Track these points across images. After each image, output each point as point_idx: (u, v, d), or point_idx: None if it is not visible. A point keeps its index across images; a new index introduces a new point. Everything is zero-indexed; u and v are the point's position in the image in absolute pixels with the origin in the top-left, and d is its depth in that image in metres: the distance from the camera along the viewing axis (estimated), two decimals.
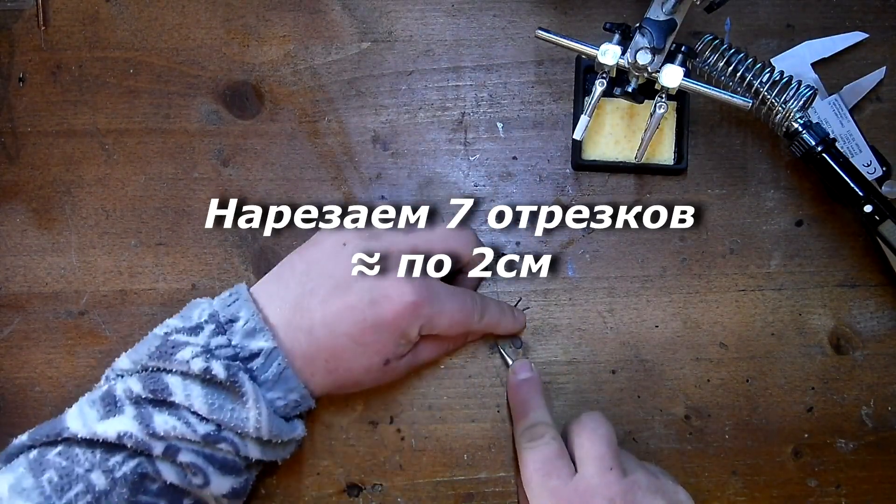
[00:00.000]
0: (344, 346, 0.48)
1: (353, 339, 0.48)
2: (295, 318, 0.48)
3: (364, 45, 0.59)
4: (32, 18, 0.59)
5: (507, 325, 0.55)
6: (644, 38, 0.51)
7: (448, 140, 0.58)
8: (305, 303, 0.48)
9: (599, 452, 0.48)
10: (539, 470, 0.48)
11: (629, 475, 0.47)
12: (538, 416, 0.52)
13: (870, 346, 0.56)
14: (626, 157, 0.57)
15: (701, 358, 0.56)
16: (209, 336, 0.47)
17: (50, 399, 0.56)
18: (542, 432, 0.50)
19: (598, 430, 0.49)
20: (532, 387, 0.53)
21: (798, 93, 0.52)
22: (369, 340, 0.48)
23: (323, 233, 0.52)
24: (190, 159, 0.58)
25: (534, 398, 0.53)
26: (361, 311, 0.48)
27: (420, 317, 0.49)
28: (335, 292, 0.48)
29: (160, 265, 0.57)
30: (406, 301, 0.48)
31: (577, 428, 0.50)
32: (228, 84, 0.58)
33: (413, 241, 0.50)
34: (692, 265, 0.57)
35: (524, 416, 0.52)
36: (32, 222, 0.58)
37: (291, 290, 0.49)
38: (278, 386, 0.47)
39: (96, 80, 0.59)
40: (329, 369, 0.49)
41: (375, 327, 0.48)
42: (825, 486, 0.55)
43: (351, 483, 0.55)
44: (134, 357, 0.48)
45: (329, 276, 0.49)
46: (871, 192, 0.52)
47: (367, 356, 0.49)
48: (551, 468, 0.48)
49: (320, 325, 0.48)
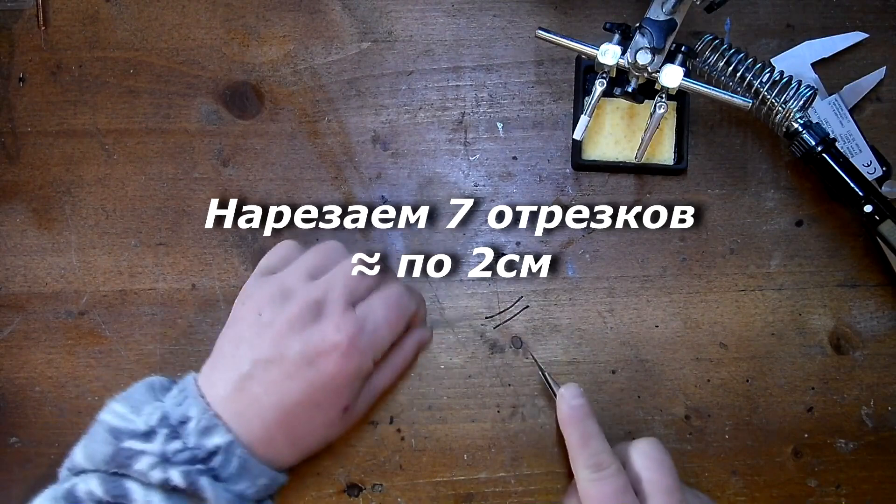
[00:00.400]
0: (299, 414, 0.48)
1: (305, 405, 0.48)
2: (241, 406, 0.47)
3: (364, 45, 0.59)
4: (32, 18, 0.59)
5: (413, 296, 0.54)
6: (644, 38, 0.51)
7: (448, 140, 0.58)
8: (246, 387, 0.47)
9: (669, 486, 0.47)
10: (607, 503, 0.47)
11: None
12: (600, 445, 0.49)
13: (870, 346, 0.56)
14: (626, 157, 0.57)
15: (701, 358, 0.56)
16: (164, 442, 0.45)
17: (50, 399, 0.56)
18: (607, 463, 0.48)
19: (664, 462, 0.48)
20: (587, 412, 0.50)
21: (798, 93, 0.52)
22: (321, 399, 0.48)
23: (236, 306, 0.51)
24: (190, 159, 0.58)
25: (590, 425, 0.50)
26: (302, 376, 0.47)
27: (361, 350, 0.48)
28: (269, 368, 0.47)
29: (160, 265, 0.57)
30: (340, 348, 0.47)
31: (641, 458, 0.48)
32: (228, 84, 0.58)
33: (324, 284, 0.49)
34: (692, 265, 0.57)
35: (585, 445, 0.49)
36: (32, 222, 0.58)
37: (229, 378, 0.48)
38: (244, 477, 0.47)
39: (96, 80, 0.59)
40: (291, 442, 0.49)
41: (323, 385, 0.48)
42: (825, 486, 0.55)
43: (351, 483, 0.55)
44: (89, 452, 0.46)
45: (258, 353, 0.48)
46: (871, 192, 0.52)
47: (324, 413, 0.49)
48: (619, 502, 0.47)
49: (269, 407, 0.47)
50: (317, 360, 0.47)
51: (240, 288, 0.56)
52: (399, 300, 0.52)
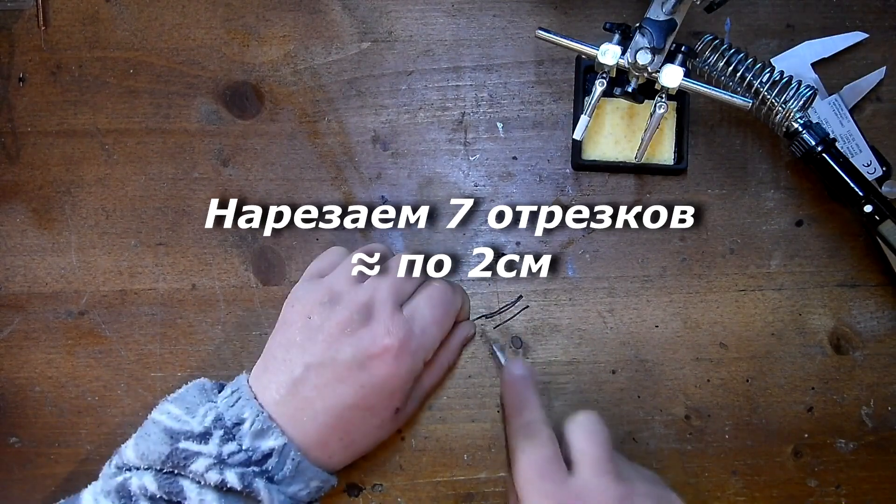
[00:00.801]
0: (351, 417, 0.48)
1: (358, 407, 0.48)
2: (296, 411, 0.48)
3: (364, 45, 0.59)
4: (32, 18, 0.59)
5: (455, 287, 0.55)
6: (644, 38, 0.51)
7: (448, 140, 0.58)
8: (299, 391, 0.48)
9: (596, 455, 0.47)
10: (533, 470, 0.47)
11: (625, 481, 0.47)
12: (533, 414, 0.50)
13: (870, 346, 0.56)
14: (626, 157, 0.57)
15: (701, 358, 0.56)
16: (219, 444, 0.46)
17: (50, 399, 0.56)
18: (537, 430, 0.49)
19: (595, 433, 0.48)
20: (527, 384, 0.52)
21: (798, 93, 0.52)
22: (374, 402, 0.48)
23: (285, 310, 0.51)
24: (190, 159, 0.58)
25: (529, 396, 0.51)
26: (355, 379, 0.48)
27: (412, 352, 0.49)
28: (323, 372, 0.48)
29: (160, 265, 0.57)
30: (391, 350, 0.48)
31: (574, 428, 0.49)
32: (228, 84, 0.58)
33: (371, 286, 0.50)
34: (692, 265, 0.57)
35: (518, 413, 0.51)
36: (32, 222, 0.58)
37: (282, 382, 0.48)
38: (297, 479, 0.47)
39: (96, 80, 0.59)
40: (345, 445, 0.49)
41: (375, 389, 0.48)
42: (825, 486, 0.55)
43: (351, 483, 0.55)
44: (142, 451, 0.46)
45: (310, 359, 0.48)
46: (871, 192, 0.52)
47: (377, 416, 0.49)
48: (546, 469, 0.47)
49: (322, 410, 0.48)
50: (368, 363, 0.48)
51: (240, 288, 0.56)
52: (444, 297, 0.52)
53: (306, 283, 0.52)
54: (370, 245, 0.54)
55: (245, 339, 0.56)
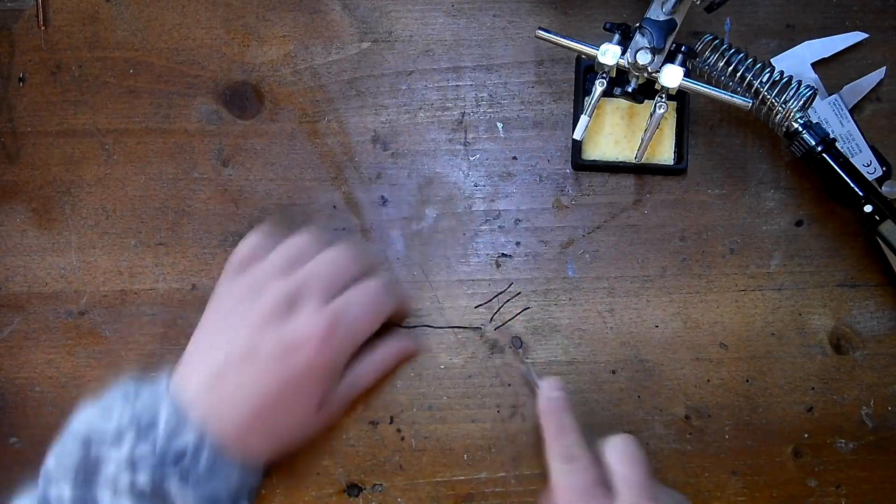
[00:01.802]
0: (272, 409, 0.47)
1: (278, 398, 0.47)
2: (215, 400, 0.47)
3: (364, 45, 0.59)
4: (32, 18, 0.59)
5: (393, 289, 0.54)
6: (644, 38, 0.51)
7: (448, 140, 0.58)
8: (220, 381, 0.47)
9: (638, 481, 0.47)
10: (577, 495, 0.47)
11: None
12: (573, 437, 0.49)
13: (870, 346, 0.56)
14: (626, 157, 0.57)
15: (701, 358, 0.56)
16: (132, 446, 0.45)
17: (50, 399, 0.56)
18: (579, 455, 0.48)
19: (636, 458, 0.48)
20: (564, 406, 0.51)
21: (798, 93, 0.52)
22: (292, 393, 0.48)
23: (211, 301, 0.50)
24: (190, 159, 0.58)
25: (566, 418, 0.51)
26: (276, 369, 0.47)
27: (337, 343, 0.48)
28: (244, 362, 0.47)
29: (160, 265, 0.57)
30: (314, 340, 0.47)
31: (613, 452, 0.48)
32: (228, 84, 0.58)
33: (299, 279, 0.49)
34: (692, 265, 0.57)
35: (559, 436, 0.50)
36: (32, 222, 0.58)
37: (203, 371, 0.48)
38: (214, 475, 0.46)
39: (96, 80, 0.59)
40: (266, 437, 0.48)
41: (294, 380, 0.47)
42: (825, 486, 0.55)
43: (351, 483, 0.55)
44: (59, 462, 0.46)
45: (231, 350, 0.48)
46: (871, 192, 0.52)
47: (297, 409, 0.48)
48: (590, 495, 0.47)
49: (241, 400, 0.47)
50: (288, 353, 0.47)
51: None
52: (375, 295, 0.51)
53: (230, 277, 0.51)
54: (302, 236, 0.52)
55: None
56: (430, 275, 0.57)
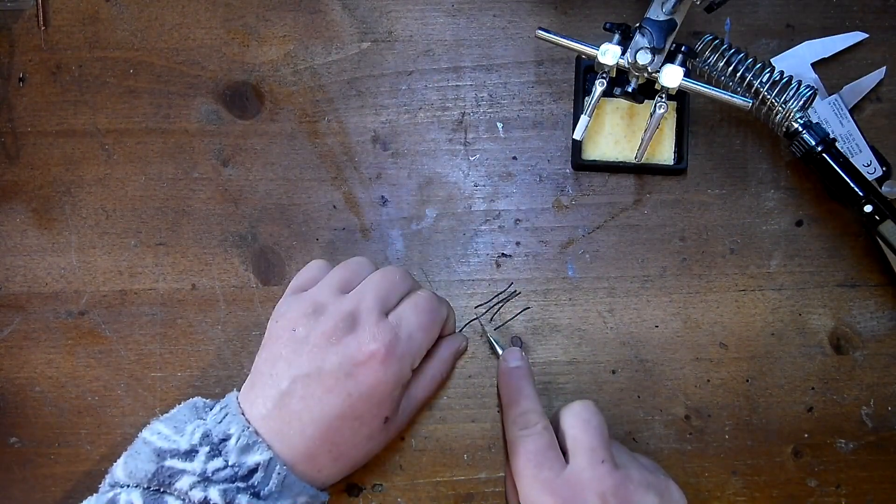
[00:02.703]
0: (339, 428, 0.47)
1: (347, 418, 0.47)
2: (282, 425, 0.47)
3: (364, 45, 0.59)
4: (32, 18, 0.59)
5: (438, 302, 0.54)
6: (644, 38, 0.51)
7: (448, 140, 0.58)
8: (286, 405, 0.47)
9: (591, 444, 0.47)
10: (530, 460, 0.48)
11: (621, 469, 0.47)
12: (529, 404, 0.51)
13: (870, 346, 0.56)
14: (626, 157, 0.57)
15: (701, 358, 0.56)
16: (205, 461, 0.45)
17: (50, 399, 0.56)
18: (533, 421, 0.50)
19: (590, 421, 0.48)
20: (523, 374, 0.53)
21: (798, 93, 0.52)
22: (362, 412, 0.48)
23: (270, 326, 0.50)
24: (190, 159, 0.58)
25: (525, 386, 0.52)
26: (342, 389, 0.47)
27: (399, 358, 0.48)
28: (310, 384, 0.47)
29: (160, 265, 0.57)
30: (378, 356, 0.47)
31: (569, 417, 0.49)
32: (228, 84, 0.58)
33: (356, 296, 0.49)
34: (692, 265, 0.57)
35: (515, 403, 0.51)
36: (32, 222, 0.58)
37: (268, 396, 0.47)
38: (284, 495, 0.46)
39: (96, 80, 0.59)
40: (334, 458, 0.48)
41: (362, 397, 0.47)
42: (825, 486, 0.55)
43: (351, 483, 0.55)
44: (130, 470, 0.46)
45: (296, 371, 0.48)
46: (871, 192, 0.52)
47: (366, 425, 0.48)
48: (542, 459, 0.47)
49: (309, 422, 0.47)
50: (355, 370, 0.47)
51: (240, 288, 0.56)
52: (429, 305, 0.51)
53: (289, 298, 0.51)
54: (353, 259, 0.53)
55: (245, 339, 0.56)
56: (430, 275, 0.57)
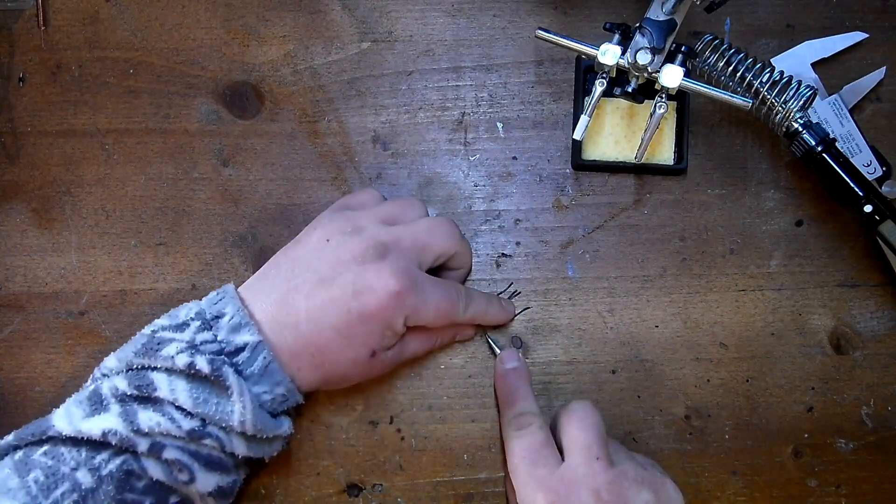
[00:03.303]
0: (329, 339, 0.48)
1: (339, 331, 0.48)
2: (280, 314, 0.48)
3: (364, 45, 0.59)
4: (32, 18, 0.59)
5: (495, 315, 0.55)
6: (644, 38, 0.51)
7: (448, 140, 0.58)
8: (290, 299, 0.48)
9: (587, 441, 0.48)
10: (525, 458, 0.48)
11: (616, 465, 0.47)
12: (525, 405, 0.52)
13: (870, 346, 0.56)
14: (626, 157, 0.57)
15: (701, 358, 0.56)
16: (194, 332, 0.47)
17: (50, 399, 0.56)
18: (529, 421, 0.50)
19: (586, 419, 0.49)
20: (520, 376, 0.53)
21: (798, 93, 0.52)
22: (354, 332, 0.48)
23: (306, 230, 0.52)
24: (190, 159, 0.58)
25: (521, 387, 0.53)
26: (345, 303, 0.48)
27: (404, 307, 0.49)
28: (319, 287, 0.48)
29: (160, 265, 0.57)
30: (389, 291, 0.48)
31: (566, 416, 0.49)
32: (228, 84, 0.58)
33: (396, 233, 0.50)
34: (692, 265, 0.57)
35: (511, 404, 0.52)
36: (32, 222, 0.58)
37: (277, 286, 0.49)
38: (264, 379, 0.47)
39: (96, 80, 0.59)
40: (315, 364, 0.49)
41: (360, 319, 0.48)
42: (825, 486, 0.55)
43: (351, 483, 0.55)
44: (121, 356, 0.48)
45: (313, 272, 0.49)
46: (871, 192, 0.52)
47: (353, 348, 0.49)
48: (538, 457, 0.48)
49: (305, 319, 0.48)
50: (363, 293, 0.48)
51: None
52: (452, 301, 0.52)
53: (333, 213, 0.52)
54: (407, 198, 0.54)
55: None
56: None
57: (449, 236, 0.52)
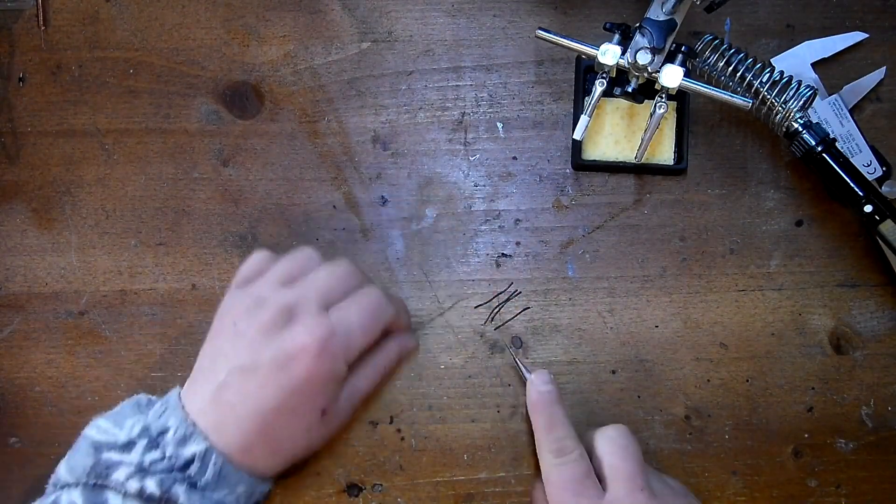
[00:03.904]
0: (275, 421, 0.47)
1: (281, 411, 0.47)
2: (219, 417, 0.47)
3: (364, 45, 0.59)
4: (32, 18, 0.59)
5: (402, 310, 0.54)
6: (644, 38, 0.51)
7: (448, 140, 0.58)
8: (223, 397, 0.47)
9: (630, 472, 0.47)
10: (567, 489, 0.48)
11: (658, 496, 0.47)
12: (565, 430, 0.50)
13: (870, 346, 0.56)
14: (626, 157, 0.57)
15: (701, 358, 0.56)
16: (142, 453, 0.46)
17: (50, 399, 0.56)
18: (570, 448, 0.49)
19: (628, 448, 0.48)
20: (554, 399, 0.52)
21: (798, 93, 0.52)
22: (295, 404, 0.48)
23: (218, 317, 0.50)
24: (190, 159, 0.58)
25: (556, 411, 0.51)
26: (275, 382, 0.47)
27: (333, 353, 0.48)
28: (243, 377, 0.47)
29: (160, 265, 0.57)
30: (311, 350, 0.47)
31: (605, 444, 0.49)
32: (228, 84, 0.58)
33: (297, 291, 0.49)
34: (692, 265, 0.57)
35: (549, 430, 0.50)
36: (32, 222, 0.58)
37: (207, 390, 0.48)
38: (221, 485, 0.47)
39: (96, 80, 0.59)
40: (271, 451, 0.48)
41: (296, 389, 0.47)
42: (825, 486, 0.55)
43: (351, 483, 0.55)
44: (72, 466, 0.47)
45: (233, 364, 0.48)
46: (871, 192, 0.52)
47: (302, 418, 0.48)
48: (581, 488, 0.47)
49: (245, 415, 0.47)
50: (288, 364, 0.47)
51: None
52: (373, 304, 0.51)
53: (234, 292, 0.51)
54: (300, 251, 0.52)
55: None
56: (430, 275, 0.57)
57: (348, 275, 0.51)
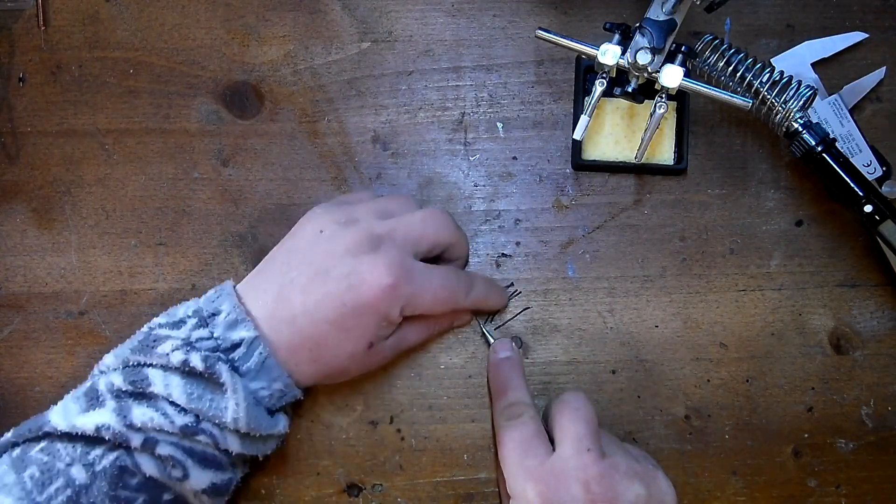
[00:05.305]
0: (326, 332, 0.48)
1: (335, 325, 0.48)
2: (277, 309, 0.48)
3: (364, 45, 0.59)
4: (32, 18, 0.59)
5: (495, 300, 0.55)
6: (644, 38, 0.51)
7: (448, 140, 0.58)
8: (286, 293, 0.49)
9: (578, 433, 0.47)
10: (516, 449, 0.48)
11: (608, 457, 0.47)
12: (517, 395, 0.52)
13: (870, 346, 0.56)
14: (626, 157, 0.57)
15: (701, 358, 0.56)
16: (191, 329, 0.47)
17: (50, 399, 0.56)
18: (520, 411, 0.50)
19: (578, 410, 0.49)
20: (513, 365, 0.53)
21: (798, 93, 0.52)
22: (351, 325, 0.49)
23: (301, 222, 0.52)
24: (190, 159, 0.58)
25: (514, 377, 0.53)
26: (340, 296, 0.48)
27: (399, 297, 0.49)
28: (314, 280, 0.48)
29: (160, 265, 0.57)
30: (383, 283, 0.48)
31: (558, 407, 0.49)
32: (228, 84, 0.58)
33: (389, 225, 0.51)
34: (692, 265, 0.57)
35: (503, 394, 0.52)
36: (32, 222, 0.58)
37: (273, 281, 0.49)
38: (261, 375, 0.47)
39: (96, 80, 0.59)
40: (313, 358, 0.49)
41: (355, 311, 0.48)
42: (825, 486, 0.55)
43: (351, 483, 0.55)
44: (118, 352, 0.48)
45: (308, 265, 0.49)
46: (871, 192, 0.52)
47: (350, 341, 0.49)
48: (528, 447, 0.48)
49: (301, 314, 0.48)
50: (358, 286, 0.48)
51: None
52: (454, 285, 0.52)
53: (326, 205, 0.53)
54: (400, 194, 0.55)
55: None
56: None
57: (443, 226, 0.53)
